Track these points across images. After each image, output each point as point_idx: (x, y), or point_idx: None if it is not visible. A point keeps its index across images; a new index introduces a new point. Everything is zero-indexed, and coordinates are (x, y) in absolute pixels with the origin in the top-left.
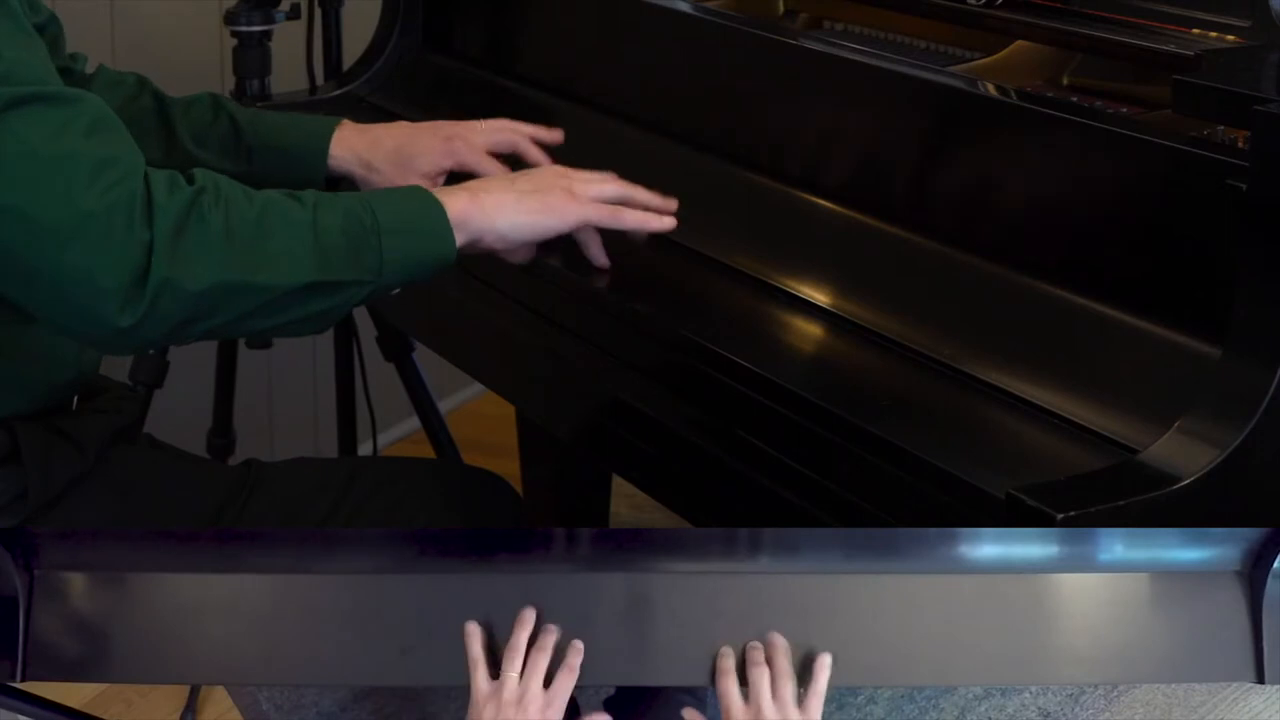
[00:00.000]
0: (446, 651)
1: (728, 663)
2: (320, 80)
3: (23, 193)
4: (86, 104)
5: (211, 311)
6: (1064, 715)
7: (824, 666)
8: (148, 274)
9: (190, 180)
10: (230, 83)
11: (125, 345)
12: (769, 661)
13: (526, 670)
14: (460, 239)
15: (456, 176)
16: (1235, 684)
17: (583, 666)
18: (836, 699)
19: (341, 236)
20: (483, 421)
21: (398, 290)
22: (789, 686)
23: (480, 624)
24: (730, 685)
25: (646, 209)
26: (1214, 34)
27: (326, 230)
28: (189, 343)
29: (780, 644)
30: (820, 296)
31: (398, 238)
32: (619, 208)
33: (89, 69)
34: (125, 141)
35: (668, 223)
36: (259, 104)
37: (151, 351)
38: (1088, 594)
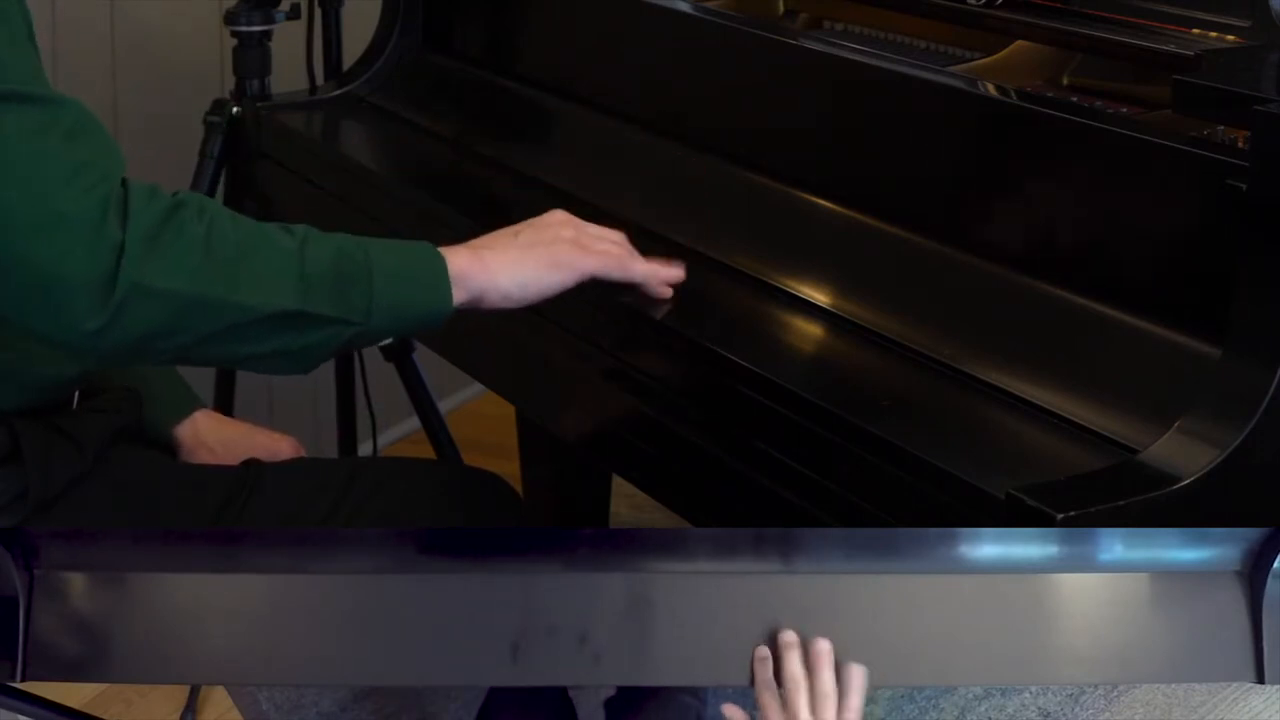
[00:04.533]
0: (446, 651)
1: (766, 673)
2: (320, 80)
3: None
4: (69, 108)
5: (181, 325)
6: (1064, 715)
7: (858, 675)
8: (117, 276)
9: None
10: (230, 83)
11: (92, 350)
12: (811, 671)
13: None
14: (460, 296)
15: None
16: (1235, 684)
17: (582, 667)
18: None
19: (330, 270)
20: (483, 421)
21: (390, 340)
22: (830, 709)
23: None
24: (771, 700)
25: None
26: (1214, 34)
27: (314, 261)
28: (160, 363)
29: (825, 655)
30: (820, 296)
31: (392, 283)
32: (627, 257)
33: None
34: (106, 147)
35: (672, 283)
36: (259, 104)
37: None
38: (1088, 594)
